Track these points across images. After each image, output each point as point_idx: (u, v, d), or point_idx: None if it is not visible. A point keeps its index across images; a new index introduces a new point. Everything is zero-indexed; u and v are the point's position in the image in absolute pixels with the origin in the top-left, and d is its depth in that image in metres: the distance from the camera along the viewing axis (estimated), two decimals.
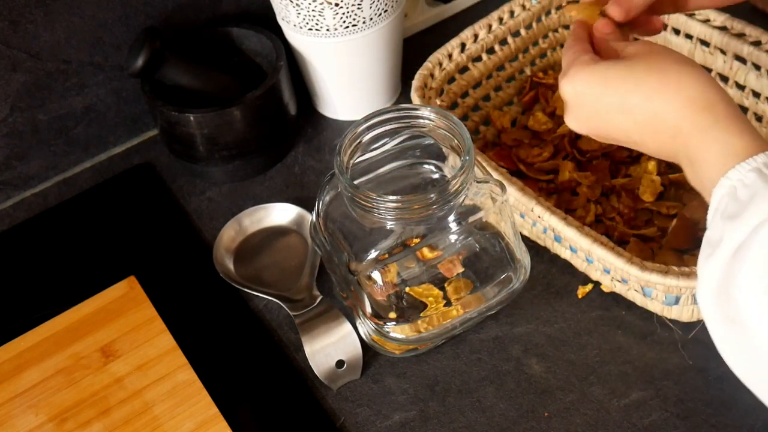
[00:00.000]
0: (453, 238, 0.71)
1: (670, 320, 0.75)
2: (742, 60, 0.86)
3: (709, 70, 0.88)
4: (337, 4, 0.86)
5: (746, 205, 0.52)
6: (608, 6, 0.65)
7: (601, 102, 0.59)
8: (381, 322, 0.71)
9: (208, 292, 0.83)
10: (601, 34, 0.65)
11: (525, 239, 0.80)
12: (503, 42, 0.92)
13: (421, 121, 0.72)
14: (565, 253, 0.79)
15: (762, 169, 0.51)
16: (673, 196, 0.83)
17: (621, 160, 0.86)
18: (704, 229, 0.81)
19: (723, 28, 0.86)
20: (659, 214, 0.81)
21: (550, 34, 0.96)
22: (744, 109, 0.87)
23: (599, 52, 0.64)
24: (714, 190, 0.54)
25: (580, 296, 0.78)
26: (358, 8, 0.87)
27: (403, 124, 0.72)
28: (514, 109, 0.94)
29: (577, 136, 0.88)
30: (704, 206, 0.80)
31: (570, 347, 0.75)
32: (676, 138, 0.56)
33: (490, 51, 0.92)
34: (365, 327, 0.74)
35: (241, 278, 0.83)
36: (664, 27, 0.90)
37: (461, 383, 0.74)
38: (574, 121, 0.62)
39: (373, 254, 0.70)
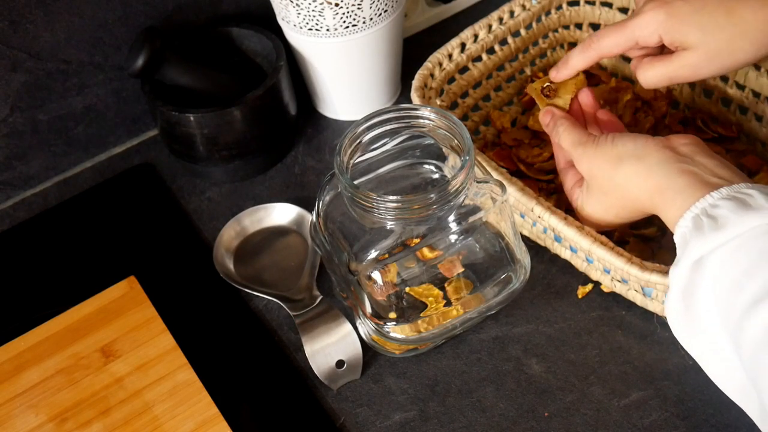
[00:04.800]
0: (453, 238, 0.71)
1: None
2: None
3: None
4: (337, 4, 0.86)
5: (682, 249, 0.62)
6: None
7: (613, 221, 0.73)
8: (381, 322, 0.71)
9: (208, 292, 0.83)
10: (547, 128, 0.77)
11: (525, 239, 0.80)
12: (503, 42, 0.92)
13: (421, 121, 0.72)
14: (565, 253, 0.79)
15: (699, 216, 0.61)
16: None
17: None
18: None
19: None
20: None
21: (550, 34, 0.96)
22: (744, 109, 0.87)
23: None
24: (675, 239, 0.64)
25: (580, 296, 0.78)
26: (358, 8, 0.87)
27: (403, 124, 0.72)
28: (514, 109, 0.94)
29: None
30: None
31: (570, 347, 0.75)
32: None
33: (490, 51, 0.92)
34: (365, 327, 0.74)
35: (241, 278, 0.83)
36: None
37: (461, 383, 0.74)
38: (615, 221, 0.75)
39: (373, 254, 0.70)
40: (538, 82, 0.80)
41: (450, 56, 0.88)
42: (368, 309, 0.71)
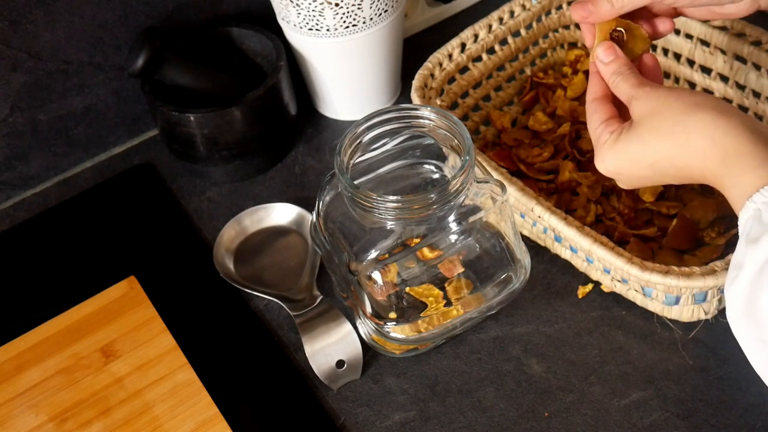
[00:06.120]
0: (453, 238, 0.71)
1: (670, 320, 0.75)
2: (742, 60, 0.86)
3: (709, 71, 0.89)
4: (337, 4, 0.86)
5: None
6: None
7: (635, 174, 0.64)
8: (381, 322, 0.71)
9: (208, 292, 0.83)
10: (605, 66, 0.68)
11: (525, 239, 0.80)
12: (503, 42, 0.92)
13: (421, 121, 0.72)
14: (565, 253, 0.79)
15: None
16: (673, 196, 0.83)
17: None
18: (704, 228, 0.81)
19: (723, 28, 0.86)
20: (659, 214, 0.81)
21: (550, 34, 0.96)
22: (744, 109, 0.87)
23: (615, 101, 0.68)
24: (740, 214, 0.56)
25: (580, 296, 0.78)
26: (358, 8, 0.87)
27: (403, 124, 0.72)
28: (514, 109, 0.94)
29: (577, 136, 0.88)
30: (704, 206, 0.81)
31: (570, 347, 0.75)
32: (707, 181, 0.60)
33: (491, 51, 0.92)
34: (365, 327, 0.74)
35: (241, 278, 0.83)
36: None
37: (461, 383, 0.74)
38: (624, 186, 0.67)
39: (373, 254, 0.70)
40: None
41: (450, 56, 0.88)
42: (368, 309, 0.71)
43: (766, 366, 0.56)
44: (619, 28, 0.70)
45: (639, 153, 0.62)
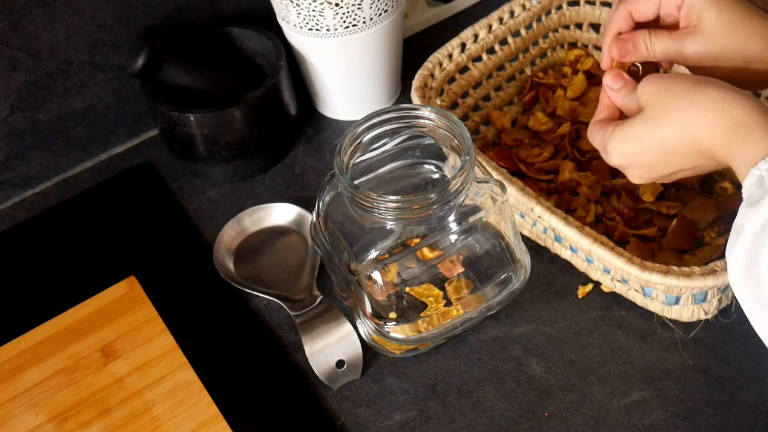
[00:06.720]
0: (453, 238, 0.71)
1: (670, 320, 0.75)
2: None
3: None
4: (337, 4, 0.86)
5: None
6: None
7: (646, 159, 0.64)
8: (381, 322, 0.71)
9: (208, 292, 0.83)
10: (615, 92, 0.69)
11: (525, 239, 0.80)
12: (503, 42, 0.92)
13: (421, 121, 0.72)
14: (565, 253, 0.79)
15: None
16: (673, 196, 0.83)
17: None
18: (704, 228, 0.81)
19: None
20: (659, 214, 0.81)
21: (550, 34, 0.96)
22: None
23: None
24: (744, 181, 0.57)
25: (580, 296, 0.78)
26: (358, 8, 0.87)
27: (403, 124, 0.72)
28: (515, 109, 0.94)
29: (577, 136, 0.88)
30: (704, 206, 0.81)
31: (570, 347, 0.75)
32: (716, 158, 0.60)
33: (491, 51, 0.92)
34: (365, 327, 0.74)
35: (241, 278, 0.83)
36: None
37: (461, 383, 0.74)
38: (637, 179, 0.67)
39: (373, 254, 0.70)
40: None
41: (450, 56, 0.88)
42: (368, 309, 0.71)
43: (766, 328, 0.57)
44: (637, 63, 0.71)
45: (648, 132, 0.63)
